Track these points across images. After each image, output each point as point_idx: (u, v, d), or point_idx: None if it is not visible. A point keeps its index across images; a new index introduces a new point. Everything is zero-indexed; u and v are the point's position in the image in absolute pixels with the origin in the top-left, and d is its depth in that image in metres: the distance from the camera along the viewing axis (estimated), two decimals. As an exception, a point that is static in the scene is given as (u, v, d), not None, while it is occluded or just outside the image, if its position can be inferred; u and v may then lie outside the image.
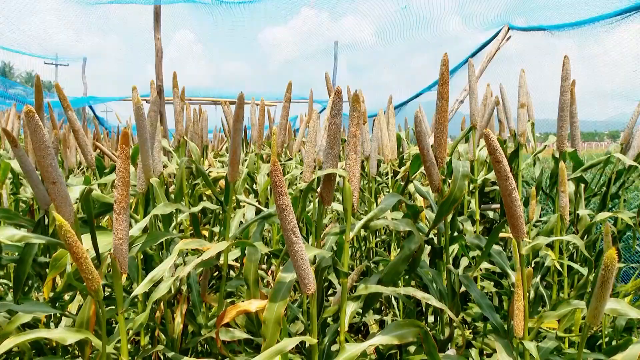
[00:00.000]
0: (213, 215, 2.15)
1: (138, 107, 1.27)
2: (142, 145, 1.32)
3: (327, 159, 1.21)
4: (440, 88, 1.36)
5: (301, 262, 0.93)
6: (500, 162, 1.06)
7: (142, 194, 1.39)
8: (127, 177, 1.02)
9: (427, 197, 1.64)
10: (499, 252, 1.48)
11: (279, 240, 1.99)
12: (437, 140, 1.39)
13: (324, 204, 1.24)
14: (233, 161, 1.26)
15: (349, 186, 1.18)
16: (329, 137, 1.17)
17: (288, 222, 0.91)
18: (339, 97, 1.17)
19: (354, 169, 1.21)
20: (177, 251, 1.17)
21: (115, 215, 1.02)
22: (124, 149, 1.01)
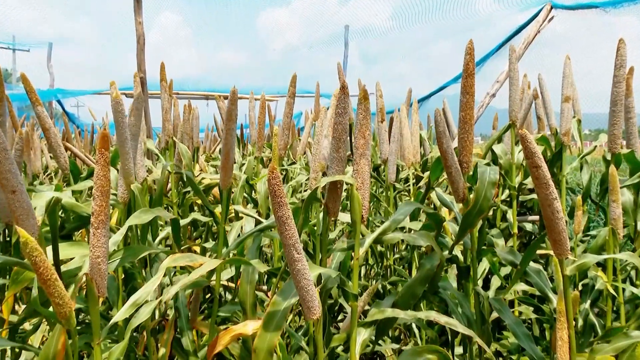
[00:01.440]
0: (206, 229, 2.18)
1: (117, 103, 1.31)
2: (122, 147, 1.35)
3: (333, 164, 1.23)
4: (464, 81, 1.37)
5: (304, 283, 0.95)
6: (539, 168, 1.07)
7: (124, 203, 1.42)
8: (107, 185, 1.04)
9: (450, 207, 1.66)
10: (537, 271, 1.48)
11: (281, 257, 2.01)
12: (461, 141, 1.41)
13: (330, 216, 1.26)
14: (225, 166, 1.28)
15: (357, 195, 1.20)
16: (335, 139, 1.19)
17: (289, 237, 0.93)
18: (344, 92, 1.20)
19: (363, 175, 1.23)
20: (163, 269, 1.19)
21: (93, 229, 1.04)
22: (103, 154, 1.04)
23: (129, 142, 1.34)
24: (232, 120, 1.26)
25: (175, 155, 2.44)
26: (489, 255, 1.51)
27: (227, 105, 1.27)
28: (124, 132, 1.33)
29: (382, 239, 1.30)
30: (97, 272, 1.04)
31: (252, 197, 2.48)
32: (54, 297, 0.96)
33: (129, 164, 1.35)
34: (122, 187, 1.41)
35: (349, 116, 1.23)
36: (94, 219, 1.04)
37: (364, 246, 1.22)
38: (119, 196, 1.42)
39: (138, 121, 1.42)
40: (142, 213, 1.29)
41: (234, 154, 1.29)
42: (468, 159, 1.42)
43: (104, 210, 1.05)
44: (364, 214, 1.21)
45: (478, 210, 1.30)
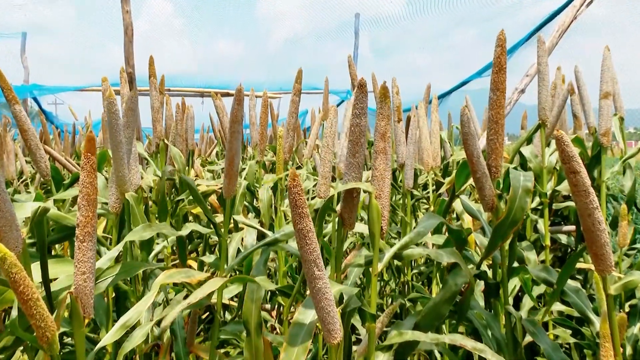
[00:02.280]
0: (203, 241, 2.20)
1: (111, 103, 1.32)
2: (116, 151, 1.37)
3: (349, 170, 1.24)
4: (495, 76, 1.38)
5: (325, 303, 0.95)
6: (577, 174, 1.08)
7: (116, 213, 1.44)
8: (94, 194, 1.05)
9: (477, 217, 1.66)
10: (576, 289, 1.48)
11: (287, 272, 2.02)
12: (490, 144, 1.41)
13: (345, 227, 1.27)
14: (230, 173, 1.30)
15: (376, 204, 1.21)
16: (351, 143, 1.20)
17: (310, 252, 0.94)
18: (362, 91, 1.21)
19: (382, 182, 1.24)
20: (157, 286, 1.20)
21: (78, 243, 1.04)
22: (89, 159, 1.04)
23: (123, 146, 1.35)
24: (238, 122, 1.28)
25: (167, 159, 2.46)
26: (522, 274, 1.52)
27: (232, 104, 1.28)
28: (117, 135, 1.35)
29: (402, 254, 1.31)
30: (83, 290, 1.04)
31: (254, 205, 2.50)
32: (34, 318, 0.96)
33: (123, 171, 1.37)
34: (114, 195, 1.43)
35: (366, 117, 1.23)
36: (79, 231, 1.04)
37: (383, 261, 1.23)
38: (110, 205, 1.44)
39: (132, 123, 1.44)
40: (144, 229, 1.30)
41: (239, 159, 1.30)
42: (497, 163, 1.42)
43: (91, 221, 1.05)
44: (384, 226, 1.22)
45: (511, 221, 1.30)
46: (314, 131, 3.38)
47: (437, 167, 2.61)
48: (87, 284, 1.05)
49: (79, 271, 1.05)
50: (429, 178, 2.58)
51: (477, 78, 6.85)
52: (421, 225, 1.32)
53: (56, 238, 1.60)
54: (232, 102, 1.31)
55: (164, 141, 2.34)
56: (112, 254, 1.26)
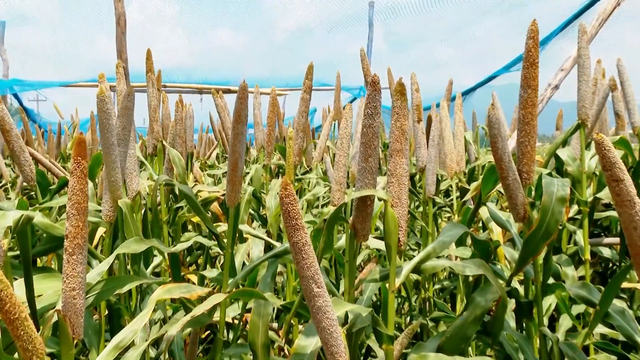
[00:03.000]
0: (204, 253, 2.21)
1: (103, 101, 1.33)
2: (108, 154, 1.38)
3: (362, 176, 1.24)
4: (526, 72, 1.38)
5: (327, 323, 0.95)
6: (620, 182, 1.06)
7: (110, 222, 1.45)
8: (84, 202, 1.04)
9: (507, 228, 1.65)
10: (621, 310, 1.47)
11: (297, 288, 2.03)
12: (521, 146, 1.41)
13: (358, 239, 1.27)
14: (233, 178, 1.31)
15: (392, 214, 1.20)
16: (364, 146, 1.20)
17: (307, 268, 0.94)
18: (375, 89, 1.20)
19: (399, 188, 1.24)
20: (153, 302, 1.21)
21: (67, 255, 1.03)
22: (79, 163, 1.04)
23: (115, 148, 1.37)
24: (242, 122, 1.28)
25: (165, 162, 2.48)
26: (558, 291, 1.51)
27: (235, 103, 1.29)
28: (109, 136, 1.36)
29: (422, 267, 1.31)
30: (72, 308, 1.03)
31: (260, 213, 2.51)
32: (21, 340, 0.95)
33: (116, 175, 1.38)
34: (108, 202, 1.44)
35: (380, 117, 1.24)
36: (68, 242, 1.03)
37: (401, 276, 1.23)
38: (103, 214, 1.45)
39: (129, 123, 1.45)
40: (137, 242, 1.31)
41: (242, 163, 1.31)
42: (529, 168, 1.42)
43: (81, 232, 1.04)
44: (401, 237, 1.22)
45: (544, 233, 1.30)
46: (324, 131, 3.40)
47: (461, 172, 2.61)
48: (76, 301, 1.05)
49: (67, 287, 1.04)
50: (453, 184, 2.57)
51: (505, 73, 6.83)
52: (444, 235, 1.32)
53: (43, 249, 1.61)
54: (236, 101, 1.32)
55: (162, 142, 2.35)
56: (102, 267, 1.27)
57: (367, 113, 1.22)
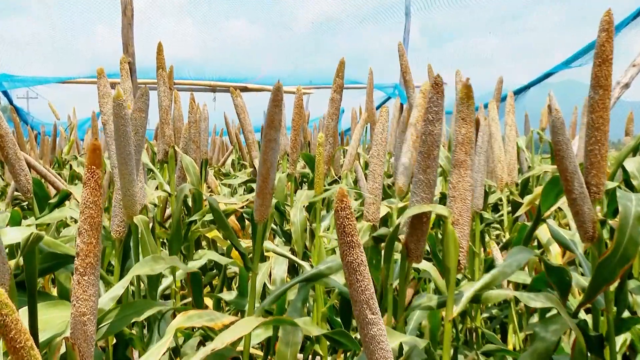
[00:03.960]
0: (221, 273, 2.22)
1: (120, 105, 1.34)
2: (124, 164, 1.39)
3: (418, 189, 1.25)
4: (596, 70, 1.37)
5: (380, 354, 0.95)
6: None
7: (119, 240, 1.46)
8: (98, 216, 1.04)
9: (572, 249, 1.63)
10: None
11: (326, 315, 2.02)
12: (590, 155, 1.39)
13: (411, 260, 1.28)
14: (264, 191, 1.31)
15: (453, 233, 1.21)
16: (422, 156, 1.21)
17: (362, 291, 0.94)
18: (437, 91, 1.22)
19: (462, 204, 1.24)
20: (173, 331, 1.22)
21: (77, 276, 1.04)
22: (93, 173, 1.05)
23: (133, 158, 1.38)
24: (274, 127, 1.29)
25: (176, 170, 2.50)
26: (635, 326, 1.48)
27: (268, 106, 1.30)
28: (127, 144, 1.37)
29: (484, 296, 1.30)
30: (82, 335, 1.03)
31: (283, 228, 2.51)
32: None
33: (132, 188, 1.39)
34: (118, 217, 1.45)
35: (442, 124, 1.25)
36: (79, 261, 1.03)
37: (461, 304, 1.23)
38: (112, 230, 1.47)
39: (142, 127, 1.47)
40: (154, 261, 1.31)
41: (274, 174, 1.32)
42: (599, 180, 1.40)
43: (94, 249, 1.05)
44: (462, 260, 1.22)
45: (620, 257, 1.28)
46: (355, 136, 3.40)
47: (512, 183, 2.59)
48: (87, 327, 1.05)
49: (77, 311, 1.04)
50: (503, 197, 2.55)
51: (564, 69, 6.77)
52: (510, 259, 1.32)
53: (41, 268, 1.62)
54: (269, 103, 1.33)
55: (174, 147, 2.37)
56: (116, 291, 1.28)
57: (427, 119, 1.24)
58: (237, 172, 5.47)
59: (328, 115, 2.30)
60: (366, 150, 4.59)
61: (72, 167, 5.13)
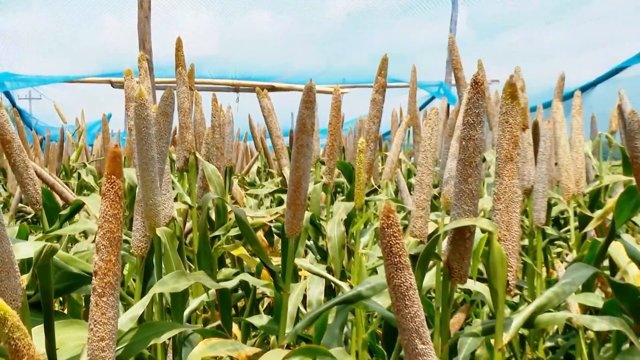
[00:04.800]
0: (250, 295, 2.24)
1: (142, 106, 1.36)
2: (146, 170, 1.41)
3: (460, 201, 1.25)
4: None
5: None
6: None
7: (141, 256, 1.49)
8: (118, 231, 1.06)
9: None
10: None
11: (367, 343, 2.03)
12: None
13: (454, 280, 1.28)
14: (295, 202, 1.33)
15: (500, 250, 1.21)
16: (463, 163, 1.22)
17: (410, 318, 0.95)
18: (477, 92, 1.22)
19: (509, 217, 1.24)
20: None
21: (95, 297, 1.06)
22: (113, 183, 1.08)
23: (155, 164, 1.41)
24: (306, 132, 1.31)
25: (197, 179, 2.53)
26: None
27: (299, 107, 1.32)
28: (149, 149, 1.40)
29: (537, 320, 1.30)
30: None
31: (318, 244, 2.53)
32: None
33: (155, 198, 1.42)
34: (140, 231, 1.48)
35: (483, 127, 1.24)
36: (98, 281, 1.05)
37: (511, 330, 1.23)
38: (134, 245, 1.50)
39: (166, 132, 1.51)
40: (177, 278, 1.34)
41: (307, 183, 1.34)
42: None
43: (113, 267, 1.06)
44: (511, 280, 1.22)
45: None
46: (397, 141, 3.40)
47: (580, 194, 2.57)
48: (105, 353, 1.05)
49: (95, 336, 1.05)
50: (569, 210, 2.53)
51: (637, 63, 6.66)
52: (567, 277, 1.31)
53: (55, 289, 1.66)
54: (300, 105, 1.35)
55: (195, 154, 2.40)
56: (136, 311, 1.31)
57: (467, 122, 1.23)
58: (263, 181, 5.49)
59: (369, 119, 2.30)
60: (408, 156, 4.59)
61: (80, 176, 5.21)
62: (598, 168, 3.43)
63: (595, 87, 7.37)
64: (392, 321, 1.45)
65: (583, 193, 2.60)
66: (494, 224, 1.24)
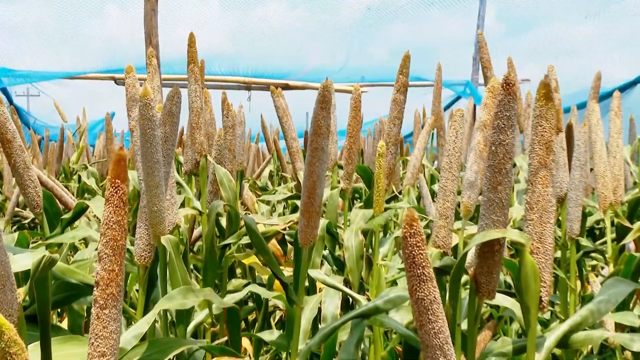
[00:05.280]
0: (262, 308, 2.24)
1: (147, 105, 1.36)
2: (150, 174, 1.41)
3: (488, 210, 1.25)
4: None
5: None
6: None
7: (144, 266, 1.50)
8: (122, 239, 1.06)
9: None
10: None
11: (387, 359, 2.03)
12: None
13: (481, 295, 1.27)
14: (310, 209, 1.33)
15: (532, 263, 1.20)
16: (492, 170, 1.21)
17: (434, 334, 0.95)
18: (509, 94, 1.21)
19: (543, 228, 1.24)
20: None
21: (97, 309, 1.06)
22: (117, 188, 1.07)
23: (161, 167, 1.41)
24: (322, 134, 1.31)
25: (208, 184, 2.53)
26: None
27: (314, 109, 1.32)
28: (154, 151, 1.40)
29: (571, 339, 1.29)
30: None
31: (334, 255, 2.52)
32: None
33: (159, 203, 1.42)
34: (144, 239, 1.48)
35: (514, 132, 1.24)
36: (99, 292, 1.05)
37: (543, 351, 1.22)
38: (136, 255, 1.50)
39: (172, 134, 1.51)
40: (184, 294, 1.33)
41: (322, 189, 1.33)
42: None
43: (116, 278, 1.05)
44: (544, 296, 1.21)
45: None
46: (419, 144, 3.39)
47: (617, 202, 2.54)
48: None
49: (96, 351, 1.05)
50: (606, 220, 2.51)
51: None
52: (603, 294, 1.30)
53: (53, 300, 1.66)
54: (315, 106, 1.35)
55: (207, 157, 2.40)
56: (141, 328, 1.30)
57: (497, 126, 1.23)
58: (275, 185, 5.49)
59: (390, 120, 2.30)
60: (431, 160, 4.57)
61: (81, 179, 5.23)
62: (637, 175, 3.40)
63: (634, 86, 7.33)
64: (412, 339, 1.44)
65: (621, 202, 2.57)
66: (525, 235, 1.23)
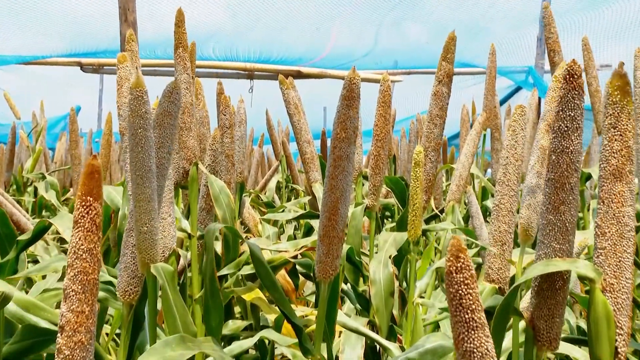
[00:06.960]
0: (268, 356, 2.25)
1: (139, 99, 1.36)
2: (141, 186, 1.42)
3: (548, 236, 1.25)
4: None
5: None
6: None
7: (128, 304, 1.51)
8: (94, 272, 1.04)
9: None
10: None
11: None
12: None
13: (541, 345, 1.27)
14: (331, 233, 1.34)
15: (605, 303, 1.20)
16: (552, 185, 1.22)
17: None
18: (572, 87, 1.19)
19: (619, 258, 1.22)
20: None
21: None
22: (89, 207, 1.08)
23: (154, 179, 1.43)
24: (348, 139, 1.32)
25: (199, 199, 2.54)
26: None
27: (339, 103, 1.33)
28: (146, 157, 1.42)
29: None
30: None
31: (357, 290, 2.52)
32: None
33: (150, 222, 1.43)
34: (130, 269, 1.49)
35: (581, 136, 1.23)
36: (65, 339, 1.05)
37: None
38: (119, 290, 1.51)
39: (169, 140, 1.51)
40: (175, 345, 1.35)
41: (347, 209, 1.34)
42: None
43: (86, 322, 1.06)
44: (620, 346, 1.20)
45: None
46: (468, 148, 3.36)
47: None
48: None
49: None
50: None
51: None
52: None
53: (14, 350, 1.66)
54: (339, 103, 1.36)
55: (198, 165, 2.38)
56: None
57: (558, 128, 1.23)
58: (284, 200, 5.46)
59: (429, 118, 2.26)
60: (483, 169, 4.53)
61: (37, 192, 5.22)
62: None
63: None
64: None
65: None
66: (596, 268, 1.23)
